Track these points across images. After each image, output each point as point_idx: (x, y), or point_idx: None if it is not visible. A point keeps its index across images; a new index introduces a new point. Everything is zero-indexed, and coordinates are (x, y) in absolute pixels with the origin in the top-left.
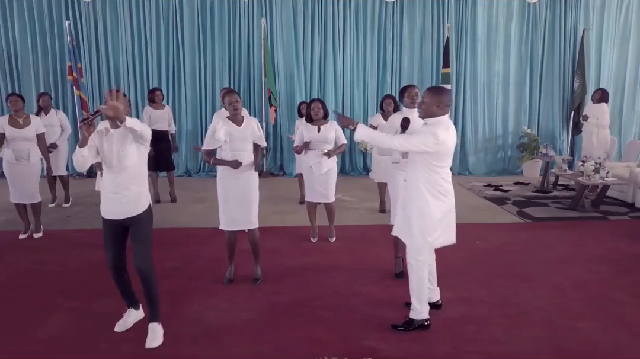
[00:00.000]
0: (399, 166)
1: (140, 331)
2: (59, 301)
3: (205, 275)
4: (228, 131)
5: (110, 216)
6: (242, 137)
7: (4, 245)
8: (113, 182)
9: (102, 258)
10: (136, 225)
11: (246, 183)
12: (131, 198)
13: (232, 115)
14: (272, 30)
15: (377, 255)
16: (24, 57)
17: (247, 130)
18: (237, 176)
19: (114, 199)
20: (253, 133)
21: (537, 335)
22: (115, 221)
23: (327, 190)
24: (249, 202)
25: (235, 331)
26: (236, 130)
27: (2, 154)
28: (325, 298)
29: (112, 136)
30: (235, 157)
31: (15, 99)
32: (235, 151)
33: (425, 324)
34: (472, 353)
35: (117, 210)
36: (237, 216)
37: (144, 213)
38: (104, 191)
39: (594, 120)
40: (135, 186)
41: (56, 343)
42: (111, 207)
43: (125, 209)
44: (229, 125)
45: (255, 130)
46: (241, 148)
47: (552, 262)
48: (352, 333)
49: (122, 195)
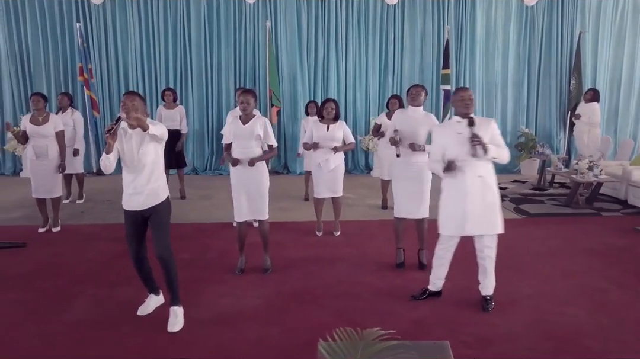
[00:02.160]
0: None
1: (160, 315)
2: (81, 288)
3: (216, 265)
4: (234, 129)
5: (130, 207)
6: (244, 135)
7: (24, 239)
8: (134, 179)
9: (118, 251)
10: (156, 215)
11: (253, 178)
12: (151, 191)
13: (242, 114)
14: (277, 32)
15: (377, 248)
16: (36, 58)
17: (250, 128)
18: (247, 170)
19: (135, 194)
20: (255, 132)
21: (526, 319)
22: (136, 212)
23: (335, 186)
24: (259, 195)
25: (246, 315)
26: (240, 128)
27: (26, 152)
28: (329, 286)
29: (131, 137)
30: (240, 154)
31: (36, 99)
32: (240, 148)
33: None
34: (467, 334)
35: (137, 202)
36: (248, 207)
37: (163, 203)
38: (126, 188)
39: (586, 119)
40: (154, 180)
41: (82, 326)
42: (133, 201)
43: (146, 201)
44: (236, 123)
45: (258, 129)
46: (245, 145)
47: (543, 255)
48: (355, 318)
49: (144, 189)
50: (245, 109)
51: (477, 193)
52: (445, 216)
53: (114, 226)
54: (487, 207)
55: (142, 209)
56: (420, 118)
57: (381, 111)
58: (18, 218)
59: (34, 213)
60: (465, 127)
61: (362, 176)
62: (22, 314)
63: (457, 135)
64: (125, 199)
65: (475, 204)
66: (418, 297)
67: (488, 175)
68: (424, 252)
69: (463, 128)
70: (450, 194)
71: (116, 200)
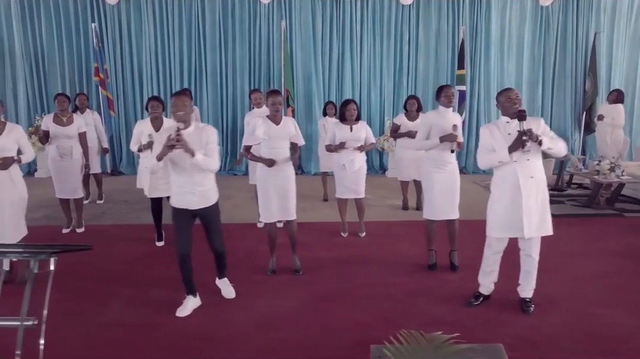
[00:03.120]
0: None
1: (199, 318)
2: (114, 289)
3: (246, 267)
4: (266, 130)
5: (182, 205)
6: (279, 136)
7: (49, 239)
8: (186, 181)
9: (144, 252)
10: (208, 217)
11: (284, 178)
12: (203, 192)
13: (272, 115)
14: (291, 32)
15: (405, 249)
16: (51, 58)
17: (285, 129)
18: (276, 172)
19: (188, 193)
20: (289, 132)
21: (567, 320)
22: (187, 210)
23: (358, 186)
24: (287, 195)
25: (285, 317)
26: (274, 129)
27: (47, 151)
28: (363, 287)
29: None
30: (271, 154)
31: (62, 99)
32: (272, 148)
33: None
34: (510, 336)
35: (190, 202)
36: (276, 209)
37: (214, 206)
38: (177, 187)
39: (610, 120)
40: (206, 181)
41: (120, 327)
42: (184, 199)
43: (199, 201)
44: (268, 124)
45: (292, 129)
46: (278, 146)
47: (573, 256)
48: (395, 319)
49: (196, 190)
50: (278, 110)
51: (532, 194)
52: (498, 218)
53: (137, 227)
54: (540, 208)
55: (193, 209)
56: (453, 118)
57: (396, 111)
58: (40, 218)
59: (54, 213)
60: (514, 128)
61: (376, 176)
62: (60, 316)
63: (507, 136)
64: (177, 197)
65: (530, 205)
66: (473, 303)
67: (540, 175)
68: (456, 253)
69: (512, 128)
70: (502, 196)
71: (133, 200)
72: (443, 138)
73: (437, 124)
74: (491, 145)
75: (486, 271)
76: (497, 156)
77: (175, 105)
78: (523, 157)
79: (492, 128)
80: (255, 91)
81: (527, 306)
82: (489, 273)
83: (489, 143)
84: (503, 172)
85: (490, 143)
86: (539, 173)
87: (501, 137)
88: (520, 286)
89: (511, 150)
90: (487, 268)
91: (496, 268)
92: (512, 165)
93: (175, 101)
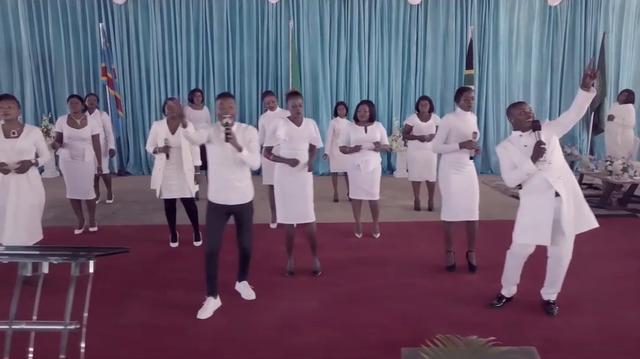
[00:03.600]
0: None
1: (222, 320)
2: (133, 291)
3: (263, 268)
4: (288, 131)
5: (220, 201)
6: (300, 137)
7: (60, 240)
8: (226, 176)
9: (160, 252)
10: (244, 213)
11: (302, 179)
12: (242, 189)
13: (294, 116)
14: (299, 32)
15: (420, 250)
16: (58, 59)
17: (305, 130)
18: (294, 173)
19: (227, 189)
20: (310, 134)
21: (592, 323)
22: (224, 206)
23: (373, 188)
24: (305, 197)
25: (308, 319)
26: (296, 130)
27: (59, 152)
28: (383, 289)
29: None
30: (293, 155)
31: (75, 101)
32: (293, 149)
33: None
34: (537, 339)
35: (229, 197)
36: (294, 210)
37: (250, 203)
38: (216, 183)
39: (620, 120)
40: (246, 179)
41: (143, 329)
42: (224, 195)
43: (237, 197)
44: (289, 125)
45: (312, 131)
46: (299, 147)
47: (590, 257)
48: (420, 322)
49: (236, 186)
50: (299, 112)
51: (565, 193)
52: (526, 226)
53: (150, 227)
54: (578, 204)
55: (230, 204)
56: (474, 120)
57: (403, 111)
58: (50, 219)
59: (64, 213)
60: (528, 139)
61: (384, 177)
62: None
63: (524, 148)
64: (215, 192)
65: (569, 204)
66: (496, 304)
67: (567, 174)
68: (474, 254)
69: (527, 140)
70: (534, 203)
71: (144, 201)
72: (463, 144)
73: (456, 127)
74: (511, 161)
75: (509, 276)
76: (523, 169)
77: (223, 107)
78: (545, 162)
79: (506, 145)
80: (269, 94)
81: (551, 308)
82: (512, 278)
83: (509, 160)
84: (532, 182)
85: (510, 160)
86: (565, 172)
87: (518, 151)
88: (544, 288)
89: (534, 160)
90: (510, 274)
91: (519, 273)
92: (538, 173)
93: (223, 103)
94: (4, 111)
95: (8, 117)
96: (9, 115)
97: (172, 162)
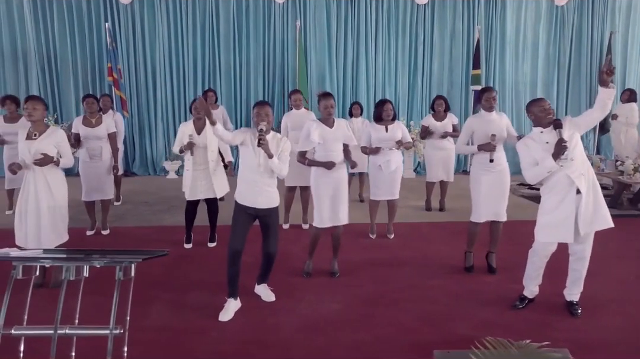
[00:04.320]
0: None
1: (245, 321)
2: (153, 293)
3: (280, 269)
4: (321, 133)
5: (248, 203)
6: (334, 138)
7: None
8: (258, 181)
9: (176, 254)
10: (270, 217)
11: (338, 181)
12: (270, 194)
13: (325, 118)
14: (306, 32)
15: (436, 250)
16: (63, 58)
17: (338, 131)
18: (330, 175)
19: (254, 192)
20: (344, 134)
21: (617, 324)
22: (251, 208)
23: (394, 187)
24: (340, 200)
25: (331, 320)
26: (328, 132)
27: (78, 154)
28: (404, 290)
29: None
30: (328, 157)
31: (91, 101)
32: (328, 151)
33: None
34: (563, 340)
35: (257, 201)
36: (331, 213)
37: (276, 208)
38: (246, 185)
39: (623, 119)
40: (274, 184)
41: (167, 332)
42: (251, 198)
43: (263, 201)
44: (322, 128)
45: (345, 130)
46: (333, 148)
47: (608, 258)
48: (441, 322)
49: (265, 190)
50: (330, 113)
51: (589, 191)
52: (548, 223)
53: (162, 228)
54: (597, 203)
55: (257, 207)
56: (499, 120)
57: (410, 111)
58: None
59: (76, 214)
60: (549, 136)
61: None
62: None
63: (545, 144)
64: (244, 194)
65: (588, 201)
66: (519, 306)
67: (588, 170)
68: (494, 256)
69: (548, 137)
70: (556, 200)
71: (152, 201)
72: (481, 147)
73: (479, 129)
74: (532, 158)
75: (532, 276)
76: (544, 166)
77: (259, 115)
78: (567, 160)
79: (527, 142)
80: (296, 92)
81: (574, 309)
82: (534, 277)
83: (530, 157)
84: (554, 178)
85: (531, 157)
86: (587, 169)
87: (539, 147)
88: (567, 288)
89: (555, 158)
90: (533, 273)
91: (541, 272)
92: (561, 170)
93: (259, 111)
94: (28, 112)
95: (32, 118)
96: (32, 117)
97: (198, 163)
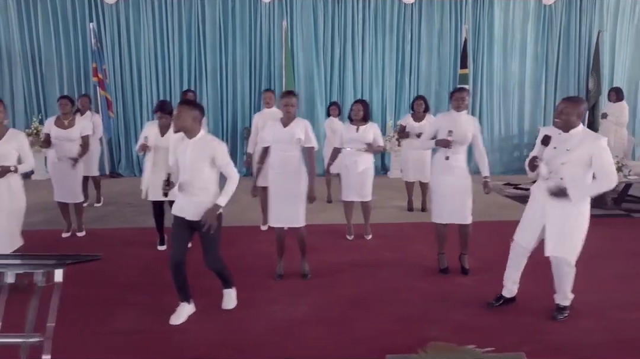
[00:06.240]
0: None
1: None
2: (127, 296)
3: (256, 271)
4: (273, 132)
5: (177, 213)
6: (286, 139)
7: (49, 244)
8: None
9: (154, 256)
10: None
11: (293, 182)
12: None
13: (284, 116)
14: (293, 32)
15: (417, 251)
16: (48, 59)
17: (290, 131)
18: (285, 175)
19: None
20: (295, 135)
21: (595, 326)
22: (183, 219)
23: (363, 189)
24: (296, 201)
25: (306, 323)
26: (281, 131)
27: (47, 154)
28: (380, 292)
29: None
30: (280, 157)
31: (64, 102)
32: (281, 151)
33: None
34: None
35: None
36: (284, 213)
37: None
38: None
39: (613, 119)
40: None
41: (138, 335)
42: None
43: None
44: (275, 127)
45: (298, 132)
46: (285, 149)
47: (590, 258)
48: (416, 325)
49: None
50: (289, 112)
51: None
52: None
53: (143, 230)
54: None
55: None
56: (467, 121)
57: (398, 111)
58: (38, 222)
59: (53, 217)
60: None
61: (378, 176)
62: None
63: (553, 149)
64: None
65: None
66: (494, 304)
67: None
68: (466, 257)
69: (557, 141)
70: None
71: (138, 203)
72: (437, 142)
73: (444, 127)
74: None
75: (507, 273)
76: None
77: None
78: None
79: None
80: (268, 90)
81: (555, 312)
82: (509, 275)
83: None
84: (538, 183)
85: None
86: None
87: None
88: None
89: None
90: (508, 270)
91: (516, 272)
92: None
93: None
94: None
95: None
96: None
97: (158, 165)
